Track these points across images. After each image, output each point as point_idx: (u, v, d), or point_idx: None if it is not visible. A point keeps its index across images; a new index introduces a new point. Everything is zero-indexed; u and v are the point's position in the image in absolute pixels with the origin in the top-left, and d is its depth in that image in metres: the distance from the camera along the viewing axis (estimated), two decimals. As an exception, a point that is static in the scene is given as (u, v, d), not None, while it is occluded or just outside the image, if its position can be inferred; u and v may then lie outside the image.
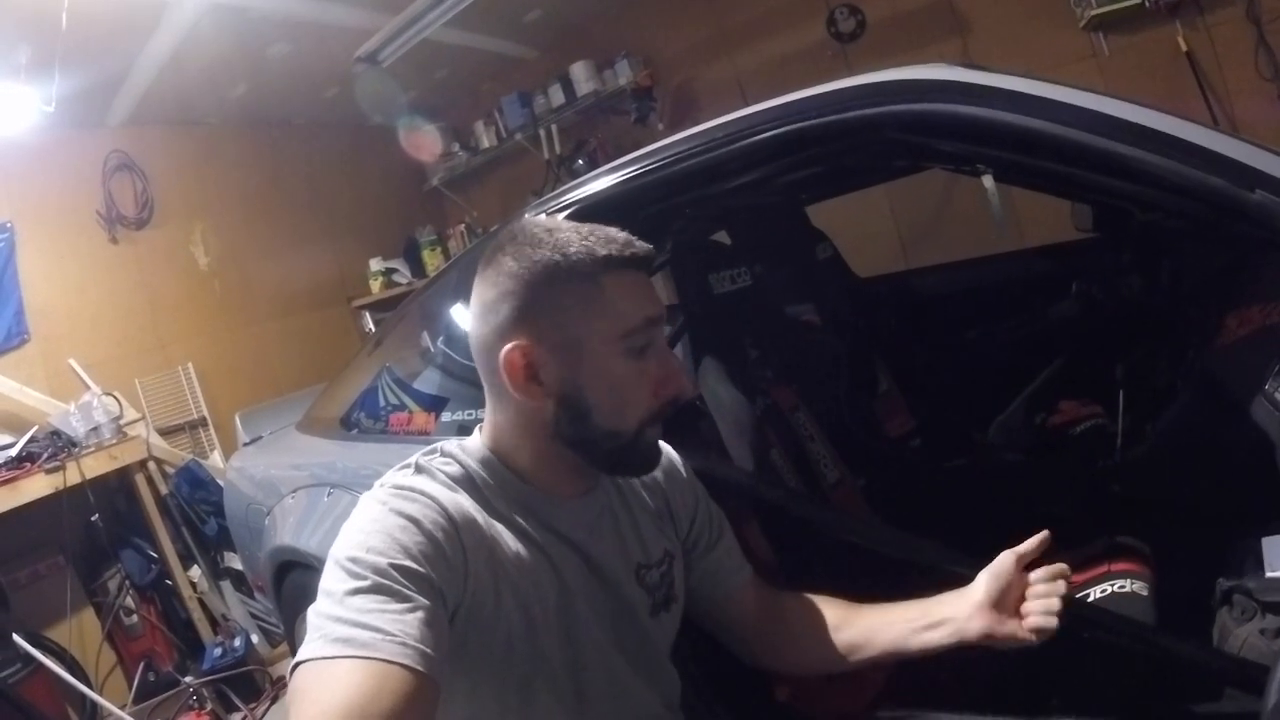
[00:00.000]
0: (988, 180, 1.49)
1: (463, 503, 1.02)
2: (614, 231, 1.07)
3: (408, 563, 0.88)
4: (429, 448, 1.12)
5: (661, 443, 1.32)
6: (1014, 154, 1.32)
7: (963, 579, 1.24)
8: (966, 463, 2.08)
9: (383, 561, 0.87)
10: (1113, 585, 1.51)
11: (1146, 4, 3.62)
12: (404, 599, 0.85)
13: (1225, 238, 1.55)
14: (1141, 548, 1.60)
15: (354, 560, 0.88)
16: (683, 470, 1.33)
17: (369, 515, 0.95)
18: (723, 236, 2.33)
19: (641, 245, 1.07)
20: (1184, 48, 3.65)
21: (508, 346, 1.02)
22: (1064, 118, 1.18)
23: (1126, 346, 2.10)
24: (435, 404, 2.00)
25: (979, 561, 1.38)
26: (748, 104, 1.57)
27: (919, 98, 1.31)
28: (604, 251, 1.03)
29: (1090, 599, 1.50)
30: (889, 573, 1.50)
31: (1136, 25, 3.77)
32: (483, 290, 1.07)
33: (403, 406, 2.12)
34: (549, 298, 1.02)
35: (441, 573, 0.91)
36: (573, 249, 1.02)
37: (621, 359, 1.04)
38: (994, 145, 1.33)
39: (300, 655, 0.82)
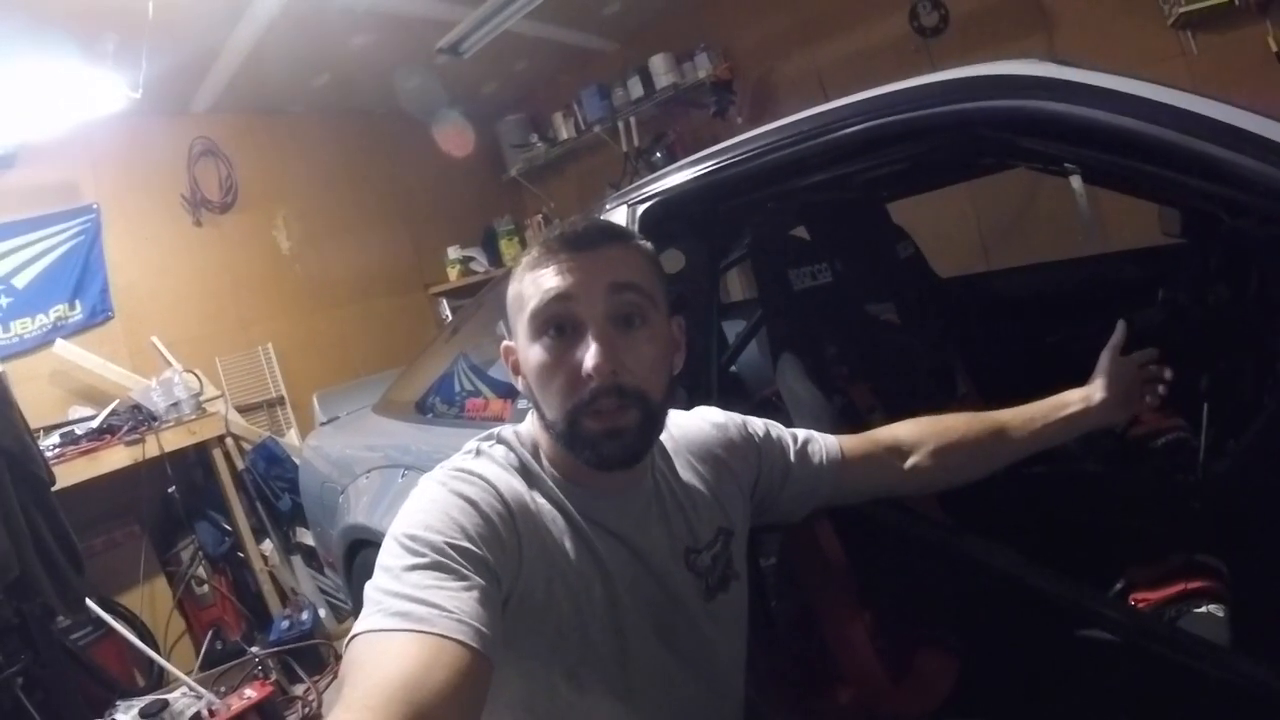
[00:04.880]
0: (1075, 181, 1.46)
1: (519, 489, 1.03)
2: (573, 219, 1.11)
3: (465, 543, 0.90)
4: (487, 433, 1.14)
5: (714, 410, 1.36)
6: (1105, 154, 1.29)
7: (1035, 588, 1.22)
8: (1044, 470, 2.03)
9: (440, 540, 0.89)
10: (1190, 608, 1.47)
11: (1236, 2, 3.49)
12: (461, 577, 0.86)
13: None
14: (1219, 566, 1.56)
15: (413, 538, 0.89)
16: (734, 433, 1.32)
17: (428, 495, 0.97)
18: (802, 232, 2.31)
19: (573, 226, 1.08)
20: (1274, 47, 3.51)
21: (505, 342, 1.09)
22: (1159, 117, 1.15)
23: (1212, 357, 2.04)
24: (510, 391, 2.02)
25: (1053, 571, 1.36)
26: (828, 98, 1.56)
27: (1011, 94, 1.29)
28: (540, 241, 1.08)
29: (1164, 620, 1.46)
30: (964, 576, 1.48)
31: (1225, 23, 3.64)
32: None
33: (478, 393, 2.15)
34: (509, 292, 1.09)
35: (497, 556, 0.93)
36: (531, 244, 1.11)
37: (535, 345, 1.04)
38: (1085, 144, 1.29)
39: (357, 628, 0.83)
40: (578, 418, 1.01)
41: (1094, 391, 1.43)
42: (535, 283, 1.04)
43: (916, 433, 1.42)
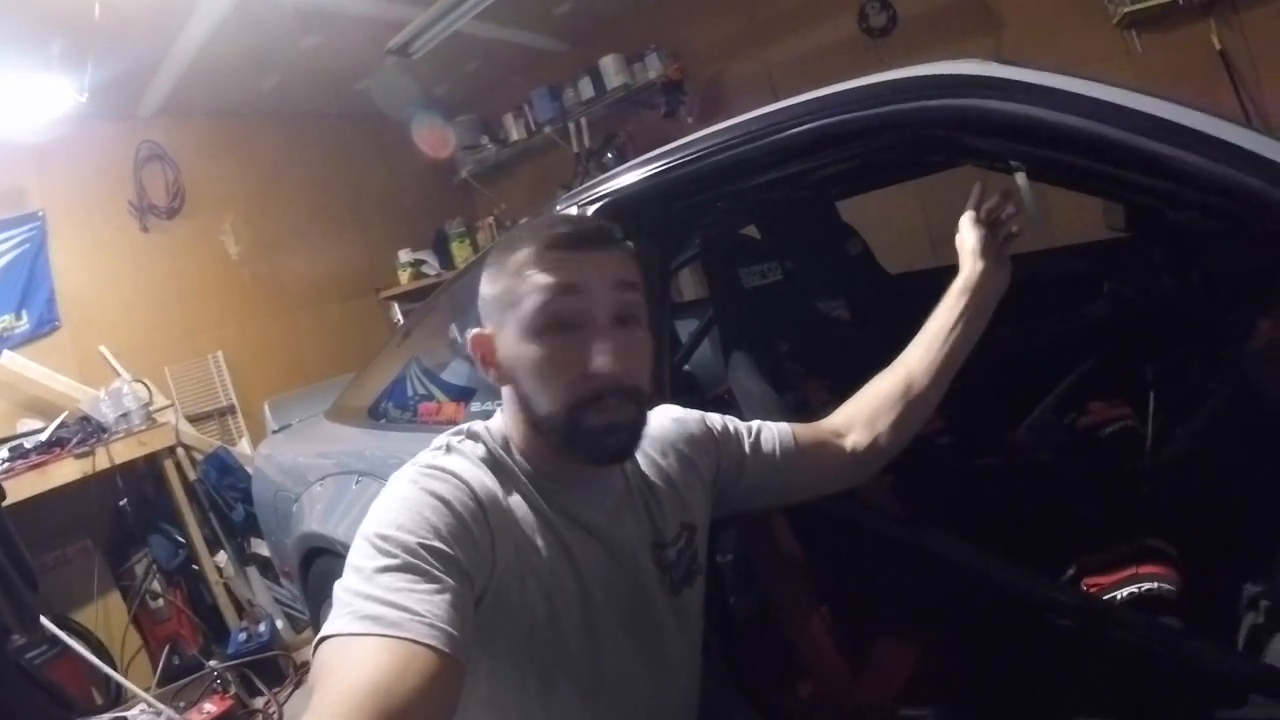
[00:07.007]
0: (1021, 177, 1.48)
1: (490, 486, 1.02)
2: (562, 215, 1.13)
3: (437, 543, 0.88)
4: (457, 429, 1.13)
5: (672, 407, 1.36)
6: (1047, 150, 1.31)
7: (989, 579, 1.24)
8: (996, 462, 2.06)
9: (412, 540, 0.87)
10: (1139, 587, 1.50)
11: (1180, 1, 3.59)
12: (432, 579, 0.85)
13: (1260, 238, 1.53)
14: (1169, 551, 1.59)
15: (384, 538, 0.88)
16: (694, 427, 1.32)
17: (400, 494, 0.95)
18: (753, 231, 2.32)
19: (575, 224, 1.10)
20: (1218, 45, 3.61)
21: (471, 332, 1.09)
22: (1099, 114, 1.17)
23: (1158, 347, 2.08)
24: (463, 394, 2.01)
25: (1006, 560, 1.38)
26: (778, 98, 1.56)
27: (953, 93, 1.31)
28: (534, 236, 1.06)
29: (1116, 600, 1.49)
30: (916, 568, 1.50)
31: (1170, 22, 3.74)
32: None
33: (431, 397, 2.13)
34: (493, 285, 1.08)
35: (469, 555, 0.91)
36: (519, 237, 1.08)
37: (534, 342, 1.03)
38: (1027, 141, 1.32)
39: (326, 630, 0.81)
40: (582, 413, 1.02)
41: (968, 271, 1.52)
42: (534, 279, 1.03)
43: (844, 414, 1.43)
